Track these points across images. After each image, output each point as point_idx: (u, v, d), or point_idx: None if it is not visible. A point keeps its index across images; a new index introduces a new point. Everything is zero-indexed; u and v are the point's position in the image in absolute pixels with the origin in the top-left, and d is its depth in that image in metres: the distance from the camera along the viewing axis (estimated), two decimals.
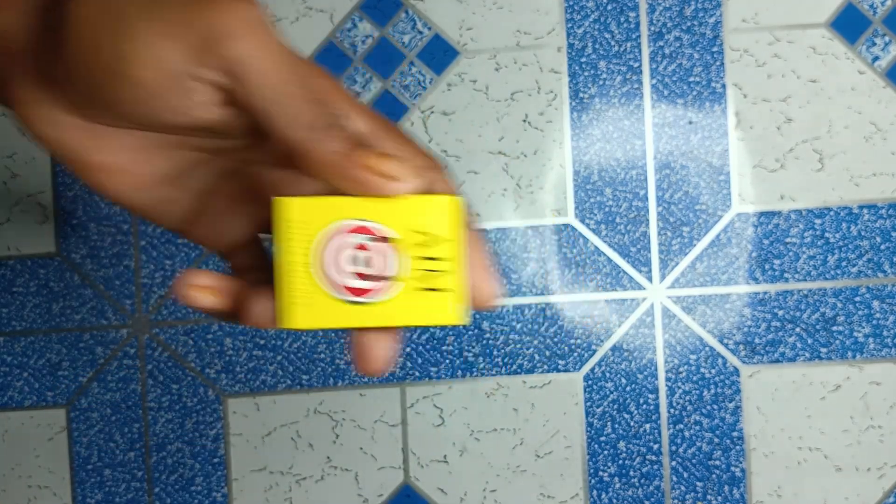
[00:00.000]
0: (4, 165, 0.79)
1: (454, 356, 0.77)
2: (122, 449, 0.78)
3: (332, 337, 0.77)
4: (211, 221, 0.26)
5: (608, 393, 0.76)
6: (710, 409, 0.76)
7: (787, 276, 0.76)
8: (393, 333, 0.24)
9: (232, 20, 0.21)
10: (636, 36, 0.77)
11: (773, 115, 0.76)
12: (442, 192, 0.24)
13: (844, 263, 0.76)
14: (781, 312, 0.76)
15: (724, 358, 0.76)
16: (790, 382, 0.76)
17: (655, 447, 0.76)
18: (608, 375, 0.77)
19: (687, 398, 0.76)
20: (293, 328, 0.23)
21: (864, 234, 0.76)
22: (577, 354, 0.77)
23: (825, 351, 0.76)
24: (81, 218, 0.78)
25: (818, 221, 0.76)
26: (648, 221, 0.76)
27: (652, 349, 0.76)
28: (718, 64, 0.76)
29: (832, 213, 0.76)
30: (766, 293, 0.76)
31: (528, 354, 0.77)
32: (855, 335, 0.76)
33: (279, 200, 0.23)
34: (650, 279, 0.76)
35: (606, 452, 0.76)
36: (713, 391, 0.76)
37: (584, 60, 0.77)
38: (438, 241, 0.23)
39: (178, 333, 0.78)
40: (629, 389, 0.76)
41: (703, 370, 0.76)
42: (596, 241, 0.77)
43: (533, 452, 0.77)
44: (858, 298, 0.76)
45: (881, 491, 0.76)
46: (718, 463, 0.76)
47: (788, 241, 0.76)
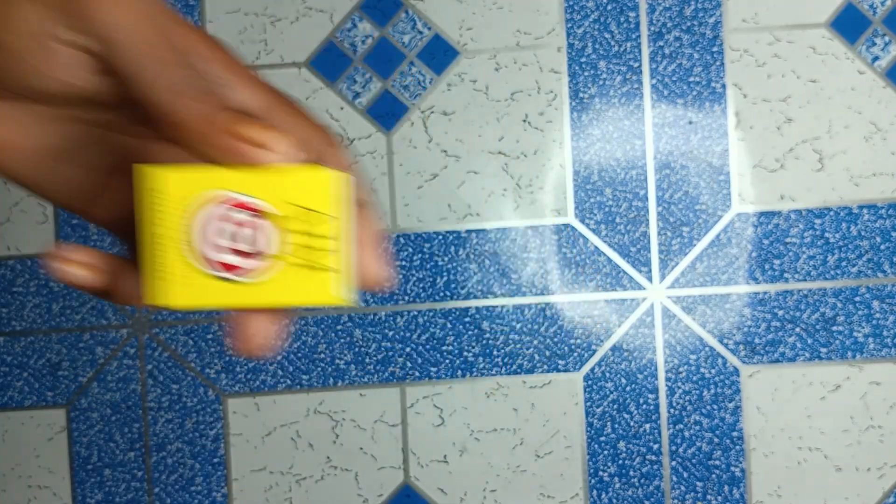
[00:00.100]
0: None
1: (454, 356, 0.77)
2: (122, 449, 0.78)
3: (332, 337, 0.78)
4: (111, 202, 0.25)
5: (608, 393, 0.76)
6: (710, 409, 0.76)
7: (787, 276, 0.76)
8: (273, 314, 0.23)
9: None
10: (636, 36, 0.77)
11: (773, 115, 0.76)
12: (333, 167, 0.22)
13: (844, 263, 0.76)
14: (781, 312, 0.76)
15: (724, 358, 0.76)
16: (790, 382, 0.76)
17: (655, 447, 0.76)
18: (608, 375, 0.77)
19: (687, 398, 0.76)
20: (164, 306, 0.22)
21: (864, 234, 0.76)
22: (577, 354, 0.77)
23: (825, 351, 0.76)
24: (81, 218, 0.78)
25: (818, 221, 0.76)
26: (648, 221, 0.76)
27: (652, 349, 0.76)
28: (718, 64, 0.76)
29: (832, 213, 0.76)
30: (766, 293, 0.76)
31: (528, 354, 0.77)
32: (855, 335, 0.76)
33: (143, 169, 0.21)
34: (650, 279, 0.76)
35: (606, 452, 0.76)
36: (713, 391, 0.76)
37: (584, 60, 0.77)
38: (321, 217, 0.21)
39: (178, 333, 0.78)
40: (629, 389, 0.76)
41: (703, 370, 0.76)
42: (596, 241, 0.77)
43: (533, 452, 0.77)
44: (858, 298, 0.76)
45: (881, 491, 0.76)
46: (718, 463, 0.76)
47: (788, 241, 0.76)
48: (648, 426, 0.76)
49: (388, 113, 0.78)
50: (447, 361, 0.77)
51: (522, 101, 0.77)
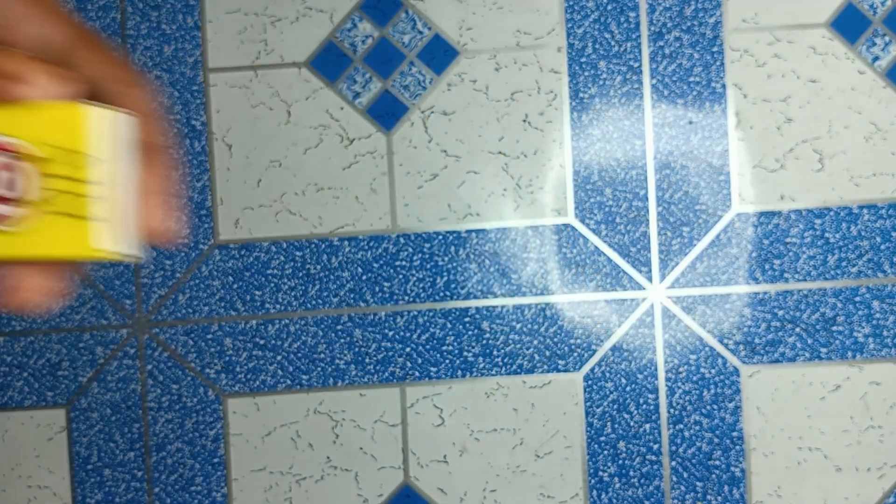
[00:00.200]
0: None
1: (454, 356, 0.77)
2: (122, 449, 0.78)
3: (332, 337, 0.78)
4: None
5: (608, 393, 0.76)
6: (710, 409, 0.76)
7: (787, 276, 0.76)
8: (43, 267, 0.20)
9: None
10: (636, 36, 0.77)
11: (773, 115, 0.76)
12: (131, 108, 0.20)
13: (844, 263, 0.76)
14: (781, 312, 0.76)
15: (724, 358, 0.76)
16: (790, 382, 0.76)
17: (655, 447, 0.76)
18: (608, 375, 0.77)
19: (687, 398, 0.76)
20: None
21: (864, 234, 0.76)
22: (577, 354, 0.77)
23: (825, 351, 0.76)
24: None
25: (818, 221, 0.76)
26: (648, 221, 0.76)
27: (652, 349, 0.76)
28: (718, 64, 0.76)
29: (832, 213, 0.76)
30: (766, 293, 0.76)
31: (528, 354, 0.77)
32: (855, 335, 0.76)
33: None
34: (650, 279, 0.76)
35: (606, 452, 0.76)
36: (713, 391, 0.76)
37: (584, 60, 0.77)
38: (84, 160, 0.19)
39: (178, 333, 0.78)
40: (629, 389, 0.76)
41: (703, 370, 0.76)
42: (596, 241, 0.77)
43: (533, 452, 0.77)
44: (858, 298, 0.76)
45: (881, 491, 0.76)
46: (718, 463, 0.76)
47: (788, 241, 0.76)
48: (648, 426, 0.76)
49: (388, 113, 0.78)
50: (447, 361, 0.77)
51: (522, 101, 0.77)
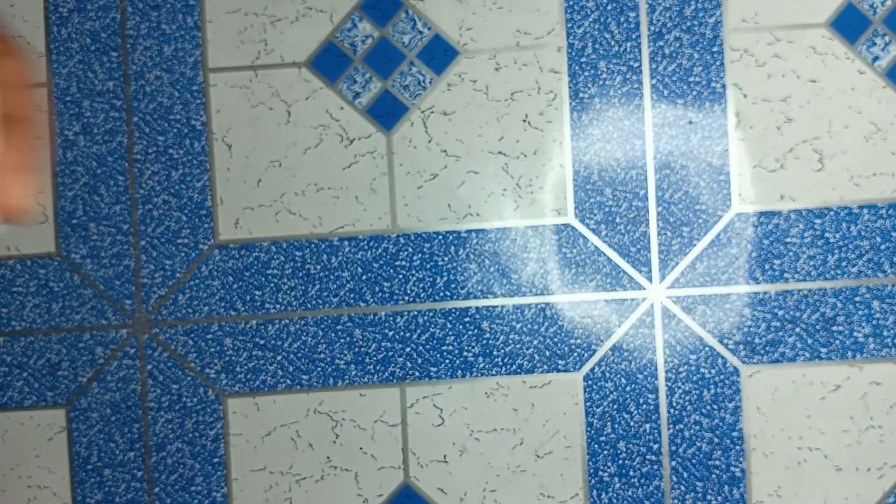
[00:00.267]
0: None
1: (454, 356, 0.77)
2: (122, 449, 0.78)
3: (332, 337, 0.78)
4: None
5: (608, 393, 0.76)
6: (710, 409, 0.76)
7: (787, 276, 0.76)
8: None
9: None
10: (636, 36, 0.77)
11: (773, 115, 0.76)
12: None
13: (844, 263, 0.76)
14: (781, 312, 0.76)
15: (724, 358, 0.76)
16: (790, 382, 0.76)
17: (655, 447, 0.76)
18: (608, 375, 0.77)
19: (687, 398, 0.76)
20: None
21: (864, 234, 0.76)
22: (577, 354, 0.77)
23: (825, 351, 0.76)
24: (81, 218, 0.78)
25: (818, 221, 0.76)
26: (648, 221, 0.76)
27: (652, 349, 0.76)
28: (718, 64, 0.76)
29: (832, 213, 0.76)
30: (766, 293, 0.76)
31: (528, 354, 0.77)
32: (855, 335, 0.76)
33: None
34: (650, 279, 0.76)
35: (606, 452, 0.76)
36: (713, 391, 0.76)
37: (584, 60, 0.77)
38: None
39: (178, 333, 0.78)
40: (629, 389, 0.76)
41: (703, 370, 0.76)
42: (596, 241, 0.77)
43: (533, 452, 0.77)
44: (858, 298, 0.76)
45: (881, 491, 0.76)
46: (718, 463, 0.76)
47: (788, 241, 0.76)
48: (648, 426, 0.76)
49: (388, 113, 0.78)
50: (447, 361, 0.77)
51: (522, 101, 0.77)
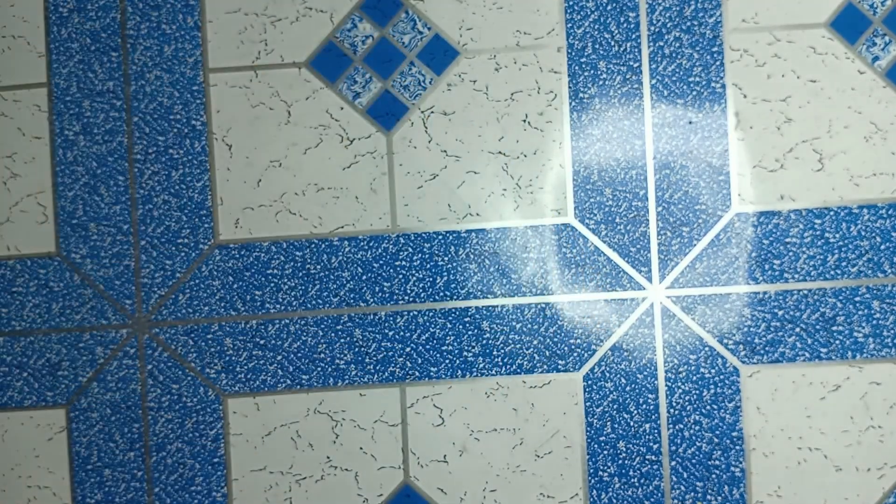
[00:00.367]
0: (4, 165, 0.79)
1: (454, 356, 0.77)
2: (122, 449, 0.78)
3: (332, 337, 0.78)
4: None
5: (608, 393, 0.76)
6: (709, 409, 0.76)
7: (787, 276, 0.76)
8: None
9: None
10: (636, 36, 0.77)
11: (773, 115, 0.76)
12: None
13: (844, 263, 0.76)
14: (781, 312, 0.76)
15: (723, 358, 0.76)
16: (790, 382, 0.76)
17: (655, 447, 0.76)
18: (608, 375, 0.77)
19: (687, 398, 0.76)
20: None
21: (864, 234, 0.76)
22: (577, 354, 0.77)
23: (825, 351, 0.76)
24: (81, 218, 0.78)
25: (818, 221, 0.76)
26: (648, 221, 0.76)
27: (652, 349, 0.76)
28: (718, 64, 0.76)
29: (832, 213, 0.76)
30: (766, 293, 0.76)
31: (528, 354, 0.77)
32: (855, 335, 0.76)
33: None
34: (650, 279, 0.76)
35: (606, 452, 0.76)
36: (713, 391, 0.76)
37: (584, 60, 0.77)
38: None
39: (178, 333, 0.78)
40: (629, 389, 0.76)
41: (702, 370, 0.76)
42: (596, 241, 0.77)
43: (533, 452, 0.77)
44: (858, 298, 0.76)
45: (881, 491, 0.76)
46: (718, 463, 0.76)
47: (788, 241, 0.76)
48: (648, 426, 0.76)
49: (388, 113, 0.78)
50: (447, 361, 0.77)
51: (522, 101, 0.77)
